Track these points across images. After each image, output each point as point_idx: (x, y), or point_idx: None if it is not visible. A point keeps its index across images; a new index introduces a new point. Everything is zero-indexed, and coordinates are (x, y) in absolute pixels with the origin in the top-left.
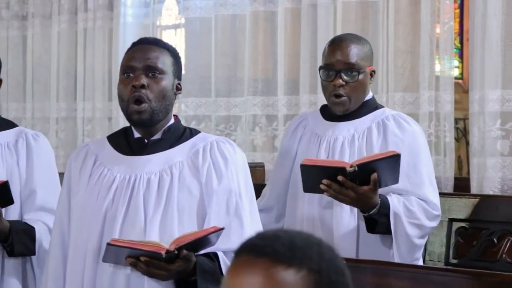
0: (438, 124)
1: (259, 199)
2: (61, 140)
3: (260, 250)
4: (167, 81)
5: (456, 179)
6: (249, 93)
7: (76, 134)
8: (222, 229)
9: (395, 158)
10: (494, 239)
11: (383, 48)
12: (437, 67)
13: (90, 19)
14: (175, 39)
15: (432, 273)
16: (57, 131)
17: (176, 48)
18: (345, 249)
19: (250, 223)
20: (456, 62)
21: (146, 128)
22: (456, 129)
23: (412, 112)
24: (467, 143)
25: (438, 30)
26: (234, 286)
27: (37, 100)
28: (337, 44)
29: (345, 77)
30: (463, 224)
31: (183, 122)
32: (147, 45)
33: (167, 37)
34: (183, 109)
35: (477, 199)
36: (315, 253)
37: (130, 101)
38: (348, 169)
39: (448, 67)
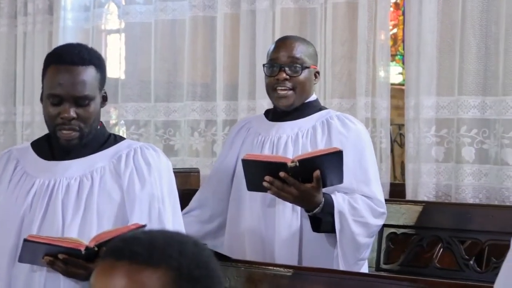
0: (375, 130)
1: (190, 202)
2: (0, 144)
3: (119, 253)
4: (96, 104)
5: (392, 184)
6: (188, 98)
7: (15, 138)
8: (144, 226)
9: (337, 155)
10: (424, 245)
11: (321, 54)
12: (382, 74)
13: (30, 23)
14: (120, 43)
15: (363, 279)
16: None
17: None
18: (288, 249)
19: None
20: (399, 69)
21: None
22: (400, 135)
23: None
24: None
25: (382, 37)
26: None
27: None
28: (282, 41)
29: (288, 71)
30: (394, 230)
31: (122, 127)
32: (72, 66)
33: (112, 41)
34: (123, 114)
35: (408, 205)
36: (175, 251)
37: (57, 128)
38: (289, 164)
39: (384, 74)
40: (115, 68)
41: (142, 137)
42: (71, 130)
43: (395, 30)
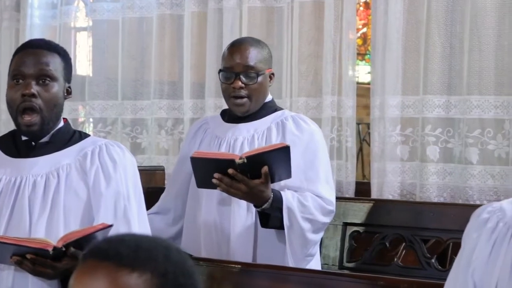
0: (341, 129)
1: (156, 203)
2: None
3: (104, 254)
4: (58, 88)
5: (357, 183)
6: (155, 96)
7: None
8: (111, 226)
9: (284, 150)
10: (387, 243)
11: (288, 52)
12: (348, 72)
13: None
14: (87, 41)
15: (320, 277)
16: None
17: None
18: (242, 247)
19: (138, 227)
20: (369, 68)
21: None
22: (369, 134)
23: (315, 117)
24: None
25: (350, 36)
26: None
27: None
28: (236, 47)
29: (244, 79)
30: (357, 228)
31: (89, 125)
32: (37, 49)
33: (80, 39)
34: (90, 112)
35: (371, 204)
36: (161, 256)
37: (19, 110)
38: (237, 161)
39: (350, 73)
40: (83, 66)
41: (110, 135)
42: (32, 111)
43: (364, 30)
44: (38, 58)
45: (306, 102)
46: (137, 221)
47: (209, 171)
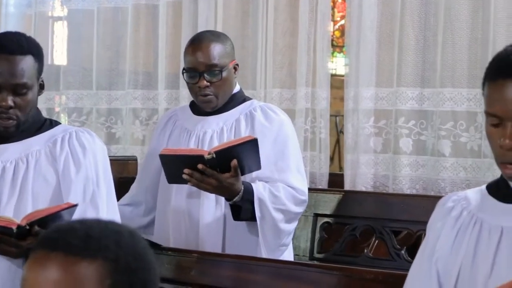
0: (315, 121)
1: (126, 194)
2: None
3: (53, 244)
4: (34, 92)
5: (331, 175)
6: (130, 86)
7: None
8: (76, 205)
9: (252, 143)
10: (357, 235)
11: (262, 44)
12: (322, 64)
13: None
14: (63, 30)
15: (287, 267)
16: None
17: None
18: (211, 239)
19: (107, 212)
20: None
21: None
22: None
23: (289, 108)
24: None
25: (325, 28)
26: (31, 282)
27: None
28: (197, 46)
29: (208, 77)
30: (327, 220)
31: (64, 115)
32: (11, 55)
33: (58, 28)
34: (64, 102)
35: (342, 195)
36: (111, 242)
37: None
38: (206, 156)
39: (325, 65)
40: (59, 55)
41: (85, 125)
42: (8, 119)
43: (343, 22)
44: (12, 67)
45: (280, 94)
46: (105, 205)
47: (178, 167)
